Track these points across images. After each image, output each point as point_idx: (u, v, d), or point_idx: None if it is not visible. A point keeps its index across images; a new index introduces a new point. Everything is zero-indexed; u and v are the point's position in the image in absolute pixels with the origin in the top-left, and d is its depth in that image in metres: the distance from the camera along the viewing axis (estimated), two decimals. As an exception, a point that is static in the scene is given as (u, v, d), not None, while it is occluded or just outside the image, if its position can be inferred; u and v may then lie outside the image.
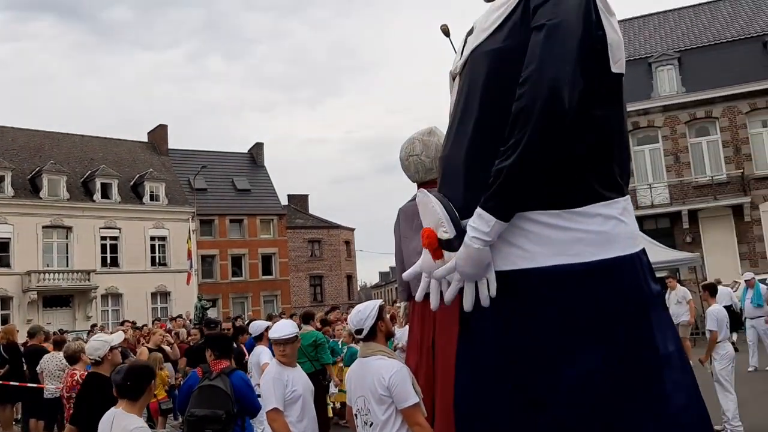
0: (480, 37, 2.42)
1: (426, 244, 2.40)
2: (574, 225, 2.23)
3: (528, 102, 2.12)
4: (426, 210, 2.43)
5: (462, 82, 2.52)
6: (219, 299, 42.66)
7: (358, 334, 3.67)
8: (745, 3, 30.42)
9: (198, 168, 42.93)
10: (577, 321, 2.16)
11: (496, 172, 2.17)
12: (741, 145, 26.24)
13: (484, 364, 2.31)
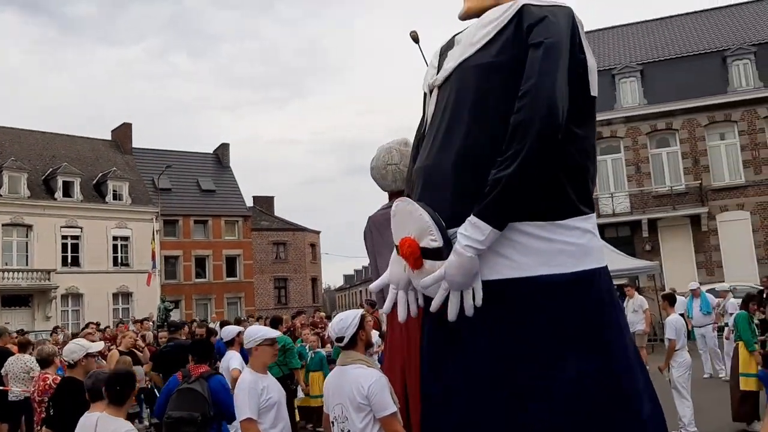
0: (468, 51, 2.51)
1: (407, 253, 2.42)
2: (557, 237, 2.36)
3: (527, 115, 2.24)
4: (409, 218, 2.43)
5: (446, 93, 2.58)
6: (182, 300, 42.26)
7: (338, 342, 3.71)
8: (706, 19, 31.31)
9: (162, 167, 42.50)
10: (565, 329, 2.29)
11: (494, 181, 2.25)
12: (699, 157, 27.00)
13: (476, 372, 2.36)
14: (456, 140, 2.45)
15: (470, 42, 2.53)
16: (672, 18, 32.48)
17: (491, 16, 2.52)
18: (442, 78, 2.62)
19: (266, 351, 4.52)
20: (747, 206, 26.24)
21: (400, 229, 2.49)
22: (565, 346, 2.29)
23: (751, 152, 26.43)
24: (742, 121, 26.63)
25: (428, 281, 2.36)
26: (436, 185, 2.47)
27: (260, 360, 4.51)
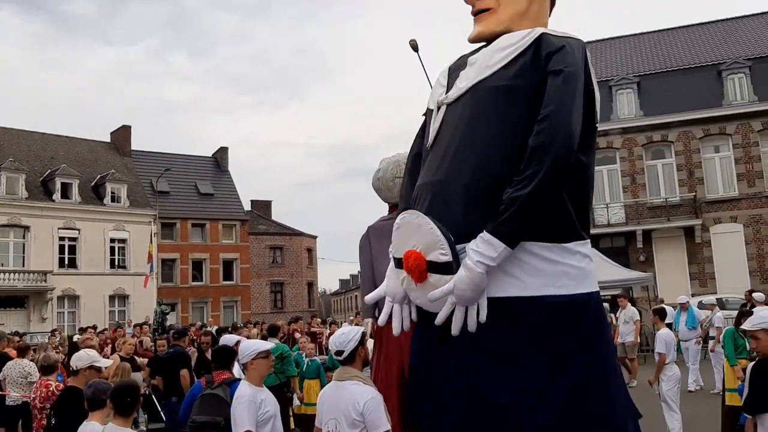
0: (484, 73, 2.62)
1: (412, 266, 2.47)
2: (561, 259, 2.51)
3: (546, 138, 2.37)
4: (417, 231, 2.48)
5: (459, 111, 2.66)
6: (178, 304, 42.35)
7: (338, 355, 3.77)
8: (702, 33, 31.58)
9: (161, 170, 42.64)
10: (562, 348, 2.44)
11: (510, 200, 2.36)
12: (694, 169, 27.22)
13: (474, 383, 2.46)
14: (471, 158, 2.53)
15: (486, 64, 2.64)
16: (669, 31, 32.75)
17: (509, 41, 2.65)
18: (455, 96, 2.70)
19: (262, 364, 4.59)
20: (740, 219, 26.46)
21: (405, 242, 2.54)
22: (560, 364, 2.42)
23: (744, 165, 26.66)
24: (736, 135, 26.87)
25: (437, 294, 2.41)
26: (448, 201, 2.53)
27: (257, 373, 4.58)
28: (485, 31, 2.80)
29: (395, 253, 2.64)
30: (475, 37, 2.85)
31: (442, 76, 2.91)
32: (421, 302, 2.56)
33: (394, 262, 2.67)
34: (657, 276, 25.59)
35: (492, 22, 2.78)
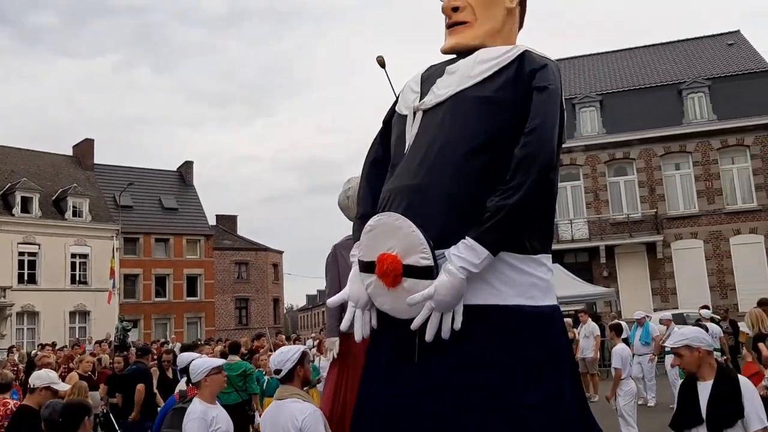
0: (465, 82, 2.66)
1: (388, 269, 2.43)
2: (531, 270, 2.56)
3: (533, 150, 2.43)
4: (395, 233, 2.45)
5: (438, 118, 2.67)
6: (141, 320, 41.65)
7: (276, 374, 3.81)
8: (663, 53, 32.32)
9: (125, 184, 42.05)
10: (535, 357, 2.48)
11: (496, 208, 2.39)
12: (655, 186, 27.75)
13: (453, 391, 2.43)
14: (450, 164, 2.55)
15: (468, 74, 2.68)
16: (630, 51, 33.42)
17: (491, 54, 2.71)
18: (433, 102, 2.72)
19: (215, 380, 4.56)
20: (700, 235, 27.00)
21: (378, 244, 2.50)
22: (533, 372, 2.46)
23: (704, 183, 27.25)
24: (696, 152, 27.48)
25: (417, 298, 2.39)
26: (426, 206, 2.51)
27: (209, 390, 4.54)
28: (461, 43, 2.86)
29: (364, 256, 2.60)
30: (451, 48, 2.90)
31: (413, 83, 2.93)
32: (389, 308, 2.53)
33: (360, 265, 2.64)
34: (620, 291, 25.96)
35: (468, 35, 2.85)
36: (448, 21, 2.92)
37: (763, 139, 26.75)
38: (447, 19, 2.93)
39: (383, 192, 2.73)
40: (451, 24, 2.90)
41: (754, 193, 26.83)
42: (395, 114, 2.97)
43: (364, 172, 3.05)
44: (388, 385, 2.58)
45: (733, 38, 31.69)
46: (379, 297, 2.55)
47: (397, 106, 2.97)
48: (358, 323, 2.65)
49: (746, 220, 26.72)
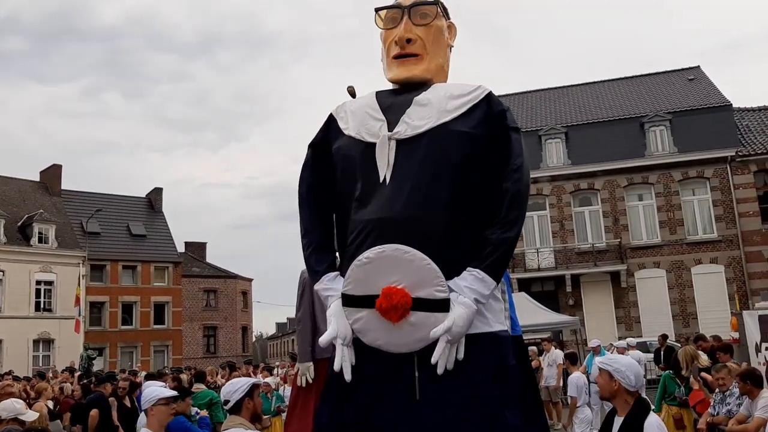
0: (444, 116, 2.72)
1: (400, 303, 2.40)
2: (500, 297, 2.75)
3: (521, 187, 2.65)
4: (405, 266, 2.44)
5: (422, 150, 2.70)
6: (106, 348, 40.94)
7: (225, 405, 3.84)
8: (625, 86, 33.18)
9: (92, 211, 41.61)
10: (517, 381, 2.64)
11: (500, 241, 2.53)
12: (619, 216, 28.34)
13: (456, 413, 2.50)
14: (442, 196, 2.61)
15: (444, 108, 2.74)
16: (595, 84, 34.24)
17: (460, 90, 2.83)
18: (412, 134, 2.72)
19: (162, 411, 4.54)
20: (663, 264, 27.58)
21: (380, 277, 2.47)
22: (519, 394, 2.61)
23: (666, 213, 27.91)
24: (658, 184, 28.17)
25: (440, 332, 2.40)
26: (423, 238, 2.51)
27: (156, 419, 4.53)
28: (417, 75, 2.91)
29: (354, 290, 2.54)
30: (406, 78, 2.92)
31: (371, 110, 2.86)
32: (382, 343, 2.50)
33: (347, 299, 2.57)
34: (585, 319, 26.35)
35: (421, 68, 2.92)
36: (400, 51, 2.94)
37: (722, 171, 27.53)
38: (398, 48, 2.95)
39: (360, 222, 2.65)
40: (403, 55, 2.94)
41: (714, 224, 27.53)
42: (345, 139, 2.87)
43: (306, 197, 2.95)
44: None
45: (694, 73, 32.68)
46: (372, 332, 2.52)
47: (351, 131, 2.85)
48: (347, 363, 2.58)
49: (707, 250, 27.38)
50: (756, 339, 8.27)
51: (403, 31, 2.94)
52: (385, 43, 3.04)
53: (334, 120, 2.99)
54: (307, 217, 2.92)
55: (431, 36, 2.96)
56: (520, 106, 33.16)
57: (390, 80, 3.01)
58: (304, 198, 2.95)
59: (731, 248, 27.02)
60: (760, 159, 27.24)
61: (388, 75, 3.01)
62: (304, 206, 2.94)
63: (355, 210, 2.70)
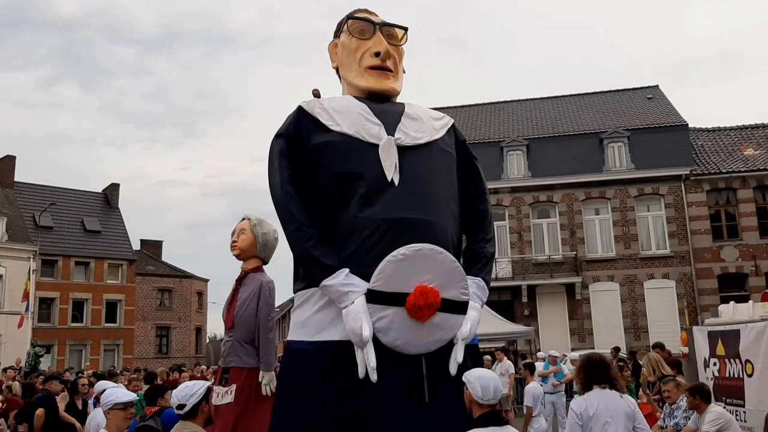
0: (435, 134, 2.96)
1: (433, 302, 2.41)
2: None
3: (490, 208, 3.05)
4: (438, 266, 2.48)
5: (425, 160, 2.81)
6: (55, 346, 40.00)
7: (179, 409, 3.63)
8: (586, 102, 33.79)
9: (45, 204, 40.65)
10: None
11: (491, 254, 2.86)
12: (576, 229, 28.79)
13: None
14: (444, 205, 2.83)
15: (434, 127, 2.98)
16: (557, 98, 34.74)
17: (434, 114, 3.08)
18: (411, 143, 2.82)
19: (117, 415, 4.42)
20: (616, 278, 28.10)
21: (413, 275, 2.47)
22: None
23: (621, 228, 28.46)
24: (614, 199, 28.72)
25: (465, 333, 2.53)
26: (434, 242, 2.59)
27: (113, 423, 4.42)
28: (393, 89, 3.06)
29: (386, 287, 2.48)
30: (383, 90, 3.03)
31: (365, 112, 2.86)
32: (400, 343, 2.45)
33: (378, 296, 2.49)
34: (540, 330, 26.69)
35: (395, 84, 3.08)
36: (379, 63, 3.03)
37: (677, 189, 28.21)
38: (376, 60, 3.02)
39: (372, 221, 2.62)
40: (381, 67, 3.03)
41: (667, 240, 28.17)
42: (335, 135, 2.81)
43: (291, 187, 2.79)
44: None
45: (652, 92, 33.43)
46: (393, 332, 2.48)
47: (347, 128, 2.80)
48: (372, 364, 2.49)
49: (659, 265, 27.99)
50: (705, 354, 8.45)
51: (385, 46, 3.00)
52: (355, 52, 3.06)
53: (309, 115, 2.91)
54: (300, 209, 2.75)
55: (399, 56, 3.12)
56: (484, 117, 33.51)
57: (364, 88, 3.06)
58: (289, 189, 2.77)
59: (683, 264, 27.68)
60: (713, 178, 28.01)
61: (362, 82, 3.05)
62: (291, 198, 2.76)
63: (359, 207, 2.65)
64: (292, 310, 2.86)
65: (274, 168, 2.83)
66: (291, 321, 2.90)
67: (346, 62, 3.15)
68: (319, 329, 2.62)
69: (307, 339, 2.63)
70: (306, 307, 2.69)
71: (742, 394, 7.22)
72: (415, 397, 2.48)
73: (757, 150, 29.29)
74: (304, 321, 2.67)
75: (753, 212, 27.57)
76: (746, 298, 20.94)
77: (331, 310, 2.62)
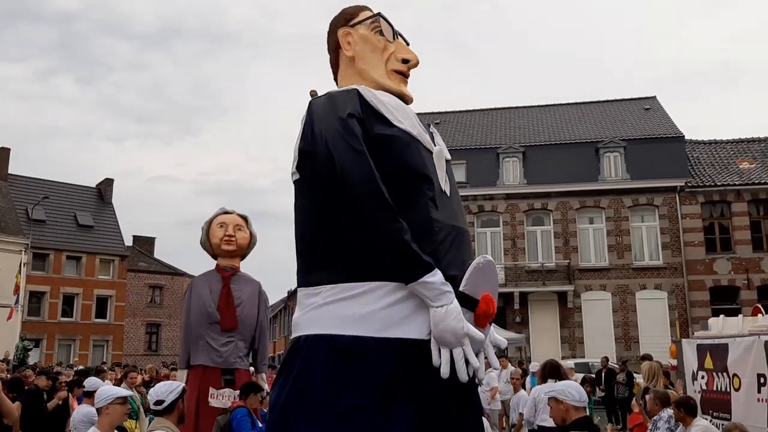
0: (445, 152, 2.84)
1: (493, 311, 2.47)
2: None
3: None
4: (492, 276, 2.53)
5: (450, 173, 2.81)
6: (44, 340, 39.85)
7: (157, 405, 3.75)
8: (583, 111, 33.85)
9: (39, 198, 40.53)
10: None
11: None
12: (570, 238, 28.81)
13: None
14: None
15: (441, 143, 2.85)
16: (554, 107, 34.80)
17: None
18: (447, 156, 2.83)
19: (118, 410, 4.41)
20: (609, 288, 28.11)
21: (481, 284, 2.51)
22: None
23: (615, 238, 28.49)
24: (609, 209, 28.76)
25: (500, 341, 2.61)
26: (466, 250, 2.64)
27: (109, 419, 4.39)
28: (411, 99, 2.94)
29: (472, 292, 2.48)
30: (406, 96, 2.92)
31: (414, 115, 2.79)
32: (470, 351, 2.44)
33: (463, 300, 2.46)
34: (531, 337, 26.70)
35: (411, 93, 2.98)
36: (405, 69, 2.95)
37: (671, 200, 28.26)
38: (404, 67, 2.94)
39: (444, 225, 2.57)
40: (404, 74, 2.95)
41: (661, 251, 28.21)
42: (400, 131, 2.66)
43: (377, 175, 2.49)
44: None
45: (650, 103, 33.52)
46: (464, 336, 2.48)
47: (409, 128, 2.69)
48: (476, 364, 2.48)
49: (652, 276, 28.02)
50: (693, 367, 8.44)
51: (415, 56, 2.97)
52: (382, 51, 2.98)
53: (367, 103, 2.70)
54: (388, 197, 2.49)
55: None
56: (481, 123, 33.51)
57: (392, 90, 2.89)
58: (375, 172, 2.48)
59: (675, 276, 27.72)
60: (708, 191, 28.07)
61: (390, 84, 2.92)
62: (379, 182, 2.47)
63: (431, 210, 2.57)
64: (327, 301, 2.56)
65: (358, 151, 2.53)
66: (332, 313, 2.56)
67: (370, 58, 2.99)
68: (388, 326, 2.45)
69: (371, 335, 2.47)
70: (366, 301, 2.46)
71: (728, 408, 7.20)
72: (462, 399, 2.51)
73: (753, 164, 29.37)
74: (365, 315, 2.45)
75: (747, 226, 27.63)
76: (738, 312, 21.06)
77: (404, 307, 2.46)
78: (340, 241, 2.53)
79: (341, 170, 2.48)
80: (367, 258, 2.52)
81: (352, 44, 3.03)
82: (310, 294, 2.58)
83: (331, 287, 2.51)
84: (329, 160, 2.50)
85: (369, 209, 2.47)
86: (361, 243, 2.49)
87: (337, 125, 2.57)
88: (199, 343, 4.90)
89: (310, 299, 2.57)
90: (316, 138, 2.57)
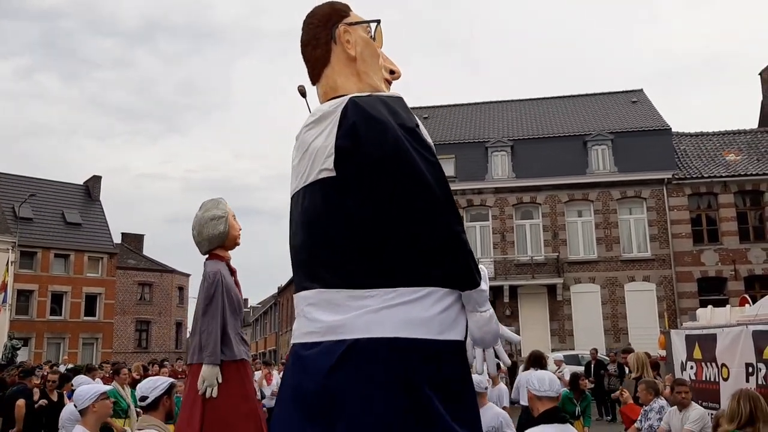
0: None
1: None
2: None
3: None
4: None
5: None
6: (32, 338, 39.61)
7: (142, 401, 3.75)
8: (571, 105, 33.95)
9: (26, 195, 40.25)
10: None
11: None
12: (558, 231, 28.94)
13: None
14: None
15: None
16: (542, 100, 34.88)
17: None
18: None
19: (104, 405, 4.41)
20: (598, 280, 28.27)
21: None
22: None
23: (603, 230, 28.64)
24: (597, 201, 28.89)
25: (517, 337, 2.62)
26: None
27: (96, 416, 4.36)
28: None
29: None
30: None
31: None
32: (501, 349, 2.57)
33: None
34: (521, 330, 26.81)
35: None
36: (391, 80, 2.85)
37: (659, 192, 28.43)
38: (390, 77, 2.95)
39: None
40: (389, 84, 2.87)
41: (648, 243, 28.39)
42: None
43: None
44: None
45: (637, 96, 33.67)
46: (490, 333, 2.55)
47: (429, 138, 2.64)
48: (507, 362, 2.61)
49: (640, 268, 28.20)
50: (682, 358, 8.52)
51: (399, 69, 2.94)
52: (378, 57, 2.98)
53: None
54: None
55: None
56: (469, 117, 33.56)
57: None
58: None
59: (663, 267, 27.90)
60: (695, 183, 28.26)
61: (385, 92, 2.92)
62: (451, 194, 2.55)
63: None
64: (388, 305, 2.54)
65: (432, 162, 2.50)
66: (397, 317, 2.55)
67: (370, 62, 2.98)
68: (443, 329, 2.47)
69: (431, 337, 2.50)
70: (426, 305, 2.47)
71: (717, 398, 7.28)
72: None
73: (739, 155, 29.59)
74: (426, 319, 2.46)
75: (733, 217, 27.85)
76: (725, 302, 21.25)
77: (452, 312, 2.49)
78: (398, 244, 2.44)
79: (415, 178, 2.42)
80: (426, 263, 2.43)
81: (352, 44, 3.01)
82: (358, 296, 2.47)
83: (387, 291, 2.44)
84: (396, 166, 2.41)
85: (448, 219, 2.42)
86: (424, 248, 2.42)
87: (405, 134, 2.49)
88: (232, 336, 4.78)
89: (359, 302, 2.45)
90: (375, 141, 2.44)
